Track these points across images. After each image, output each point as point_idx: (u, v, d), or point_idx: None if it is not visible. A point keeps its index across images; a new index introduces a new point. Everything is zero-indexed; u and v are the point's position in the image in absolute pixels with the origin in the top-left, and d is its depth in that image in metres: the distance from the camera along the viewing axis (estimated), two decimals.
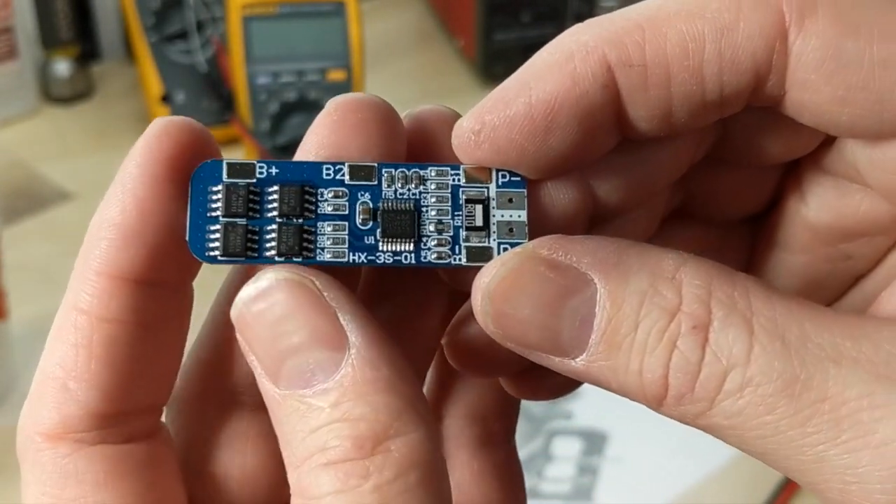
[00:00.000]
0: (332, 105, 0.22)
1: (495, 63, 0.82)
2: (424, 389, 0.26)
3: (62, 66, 0.88)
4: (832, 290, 0.25)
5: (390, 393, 0.19)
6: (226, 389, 0.23)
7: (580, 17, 0.75)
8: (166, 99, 0.82)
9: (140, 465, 0.22)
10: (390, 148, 0.22)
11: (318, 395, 0.19)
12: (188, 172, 0.21)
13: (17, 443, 0.22)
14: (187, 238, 0.21)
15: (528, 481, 0.60)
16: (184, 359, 0.23)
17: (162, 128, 0.21)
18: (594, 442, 0.62)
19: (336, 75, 0.76)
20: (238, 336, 0.21)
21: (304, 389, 0.20)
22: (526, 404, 0.27)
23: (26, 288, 0.63)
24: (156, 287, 0.21)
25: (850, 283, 0.25)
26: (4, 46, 0.84)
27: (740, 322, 0.19)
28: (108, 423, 0.21)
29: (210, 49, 0.83)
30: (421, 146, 0.23)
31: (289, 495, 0.20)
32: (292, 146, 0.48)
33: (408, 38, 0.99)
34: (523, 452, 0.62)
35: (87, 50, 0.92)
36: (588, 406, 0.63)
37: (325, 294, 0.20)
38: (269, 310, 0.20)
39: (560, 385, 0.25)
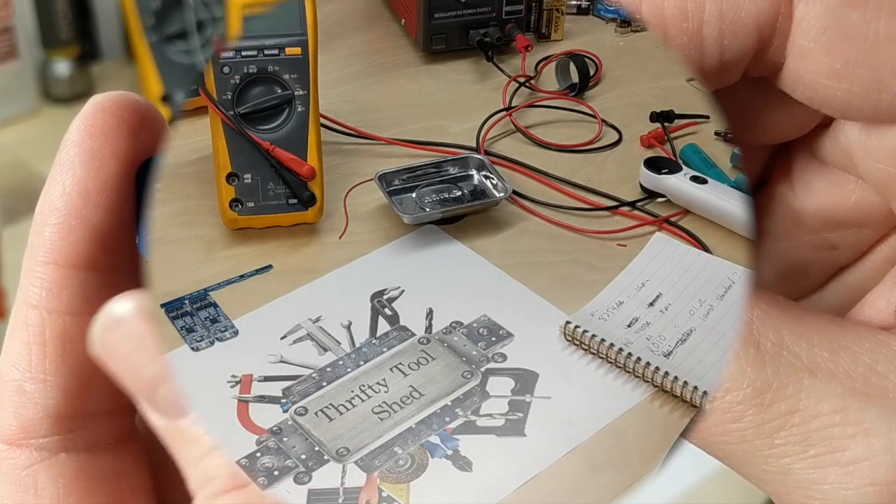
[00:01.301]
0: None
1: (435, 40, 0.89)
2: None
3: (62, 66, 0.88)
4: (814, 279, 0.25)
5: None
6: None
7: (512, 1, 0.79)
8: (166, 99, 0.82)
9: (105, 477, 0.21)
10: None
11: (194, 423, 0.19)
12: (130, 146, 0.20)
13: None
14: (137, 239, 0.20)
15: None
16: None
17: (98, 103, 0.20)
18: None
19: (293, 51, 0.78)
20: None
21: (182, 420, 0.19)
22: None
23: None
24: (107, 273, 0.20)
25: (833, 274, 0.24)
26: (4, 46, 0.84)
27: None
28: (71, 427, 0.21)
29: (210, 49, 0.84)
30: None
31: None
32: (251, 113, 0.63)
33: (357, 18, 1.05)
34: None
35: (87, 50, 0.92)
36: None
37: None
38: (122, 343, 0.19)
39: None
